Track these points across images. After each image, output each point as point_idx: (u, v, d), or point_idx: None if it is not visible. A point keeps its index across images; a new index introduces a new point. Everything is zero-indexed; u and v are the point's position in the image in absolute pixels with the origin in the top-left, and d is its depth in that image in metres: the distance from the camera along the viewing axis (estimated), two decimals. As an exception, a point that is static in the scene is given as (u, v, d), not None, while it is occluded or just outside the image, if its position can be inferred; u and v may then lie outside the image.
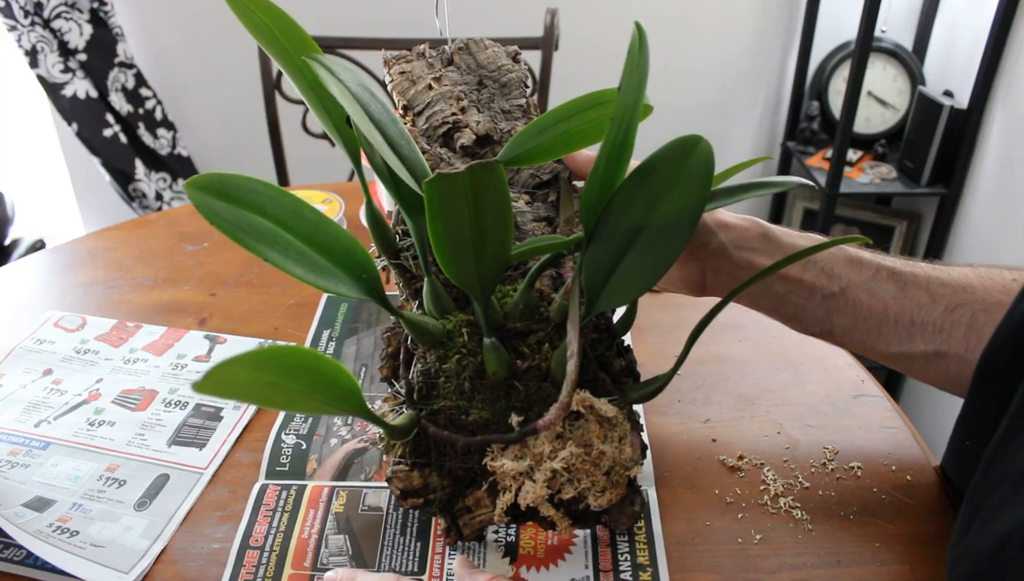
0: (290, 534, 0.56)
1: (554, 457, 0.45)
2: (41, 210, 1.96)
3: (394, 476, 0.47)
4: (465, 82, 0.60)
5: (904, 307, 0.54)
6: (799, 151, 1.80)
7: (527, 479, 0.45)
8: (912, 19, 1.75)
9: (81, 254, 0.93)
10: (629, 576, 0.52)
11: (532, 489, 0.45)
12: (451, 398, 0.47)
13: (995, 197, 1.54)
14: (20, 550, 0.53)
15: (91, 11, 1.60)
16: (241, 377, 0.35)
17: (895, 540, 0.55)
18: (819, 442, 0.64)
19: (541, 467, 0.45)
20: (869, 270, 0.55)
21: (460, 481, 0.49)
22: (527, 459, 0.45)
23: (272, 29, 0.47)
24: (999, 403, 0.47)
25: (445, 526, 0.50)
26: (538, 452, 0.45)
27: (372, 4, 1.72)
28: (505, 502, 0.45)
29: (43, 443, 0.64)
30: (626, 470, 0.47)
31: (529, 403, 0.47)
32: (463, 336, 0.48)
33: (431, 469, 0.48)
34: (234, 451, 0.64)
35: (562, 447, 0.45)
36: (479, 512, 0.49)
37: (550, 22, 1.35)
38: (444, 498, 0.49)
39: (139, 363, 0.74)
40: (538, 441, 0.45)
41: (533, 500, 0.45)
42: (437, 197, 0.38)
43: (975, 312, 0.53)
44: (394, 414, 0.49)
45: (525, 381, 0.47)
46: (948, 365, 0.54)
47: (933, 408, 1.69)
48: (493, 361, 0.46)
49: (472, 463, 0.47)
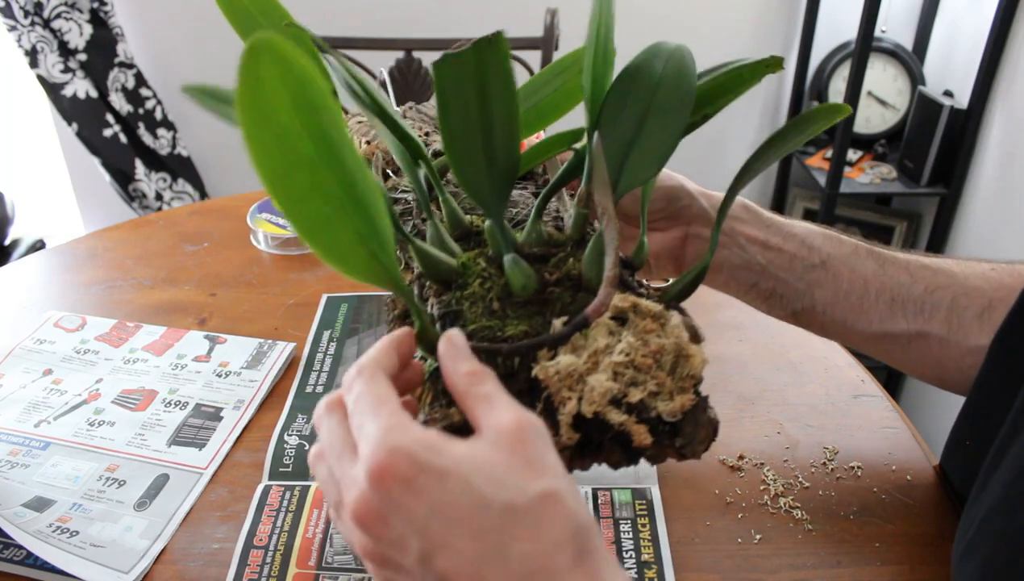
0: (294, 534, 0.56)
1: (612, 350, 0.39)
2: (41, 210, 1.96)
3: (430, 420, 0.39)
4: (420, 126, 0.62)
5: (884, 284, 0.54)
6: (799, 151, 1.80)
7: (587, 379, 0.38)
8: (912, 19, 1.75)
9: (81, 254, 0.93)
10: (634, 573, 0.52)
11: (597, 384, 0.38)
12: (480, 320, 0.41)
13: (995, 197, 1.54)
14: (20, 550, 0.53)
15: (91, 11, 1.60)
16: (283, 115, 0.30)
17: (895, 540, 0.55)
18: (819, 442, 0.64)
19: (601, 366, 0.38)
20: (848, 246, 0.55)
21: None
22: (583, 356, 0.39)
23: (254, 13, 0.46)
24: (1005, 397, 0.47)
25: None
26: (593, 350, 0.39)
27: (372, 4, 1.72)
28: (569, 412, 0.38)
29: (43, 443, 0.64)
30: (690, 364, 0.40)
31: (566, 313, 0.41)
32: (479, 264, 0.43)
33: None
34: (234, 451, 0.64)
35: (618, 340, 0.39)
36: None
37: (550, 22, 1.35)
38: None
39: (139, 363, 0.74)
40: (591, 335, 0.39)
41: (601, 399, 0.38)
42: (445, 82, 0.36)
43: (955, 295, 0.53)
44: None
45: (558, 294, 0.42)
46: (930, 346, 0.54)
47: (933, 408, 1.69)
48: (519, 275, 0.41)
49: (518, 385, 0.39)
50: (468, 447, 0.32)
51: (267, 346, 0.76)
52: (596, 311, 0.39)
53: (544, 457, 0.32)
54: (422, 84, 1.40)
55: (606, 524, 0.56)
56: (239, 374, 0.72)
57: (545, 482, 0.31)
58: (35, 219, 1.87)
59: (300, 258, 0.91)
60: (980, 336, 0.52)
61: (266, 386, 0.71)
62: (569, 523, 0.31)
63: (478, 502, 0.30)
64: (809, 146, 1.80)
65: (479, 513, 0.30)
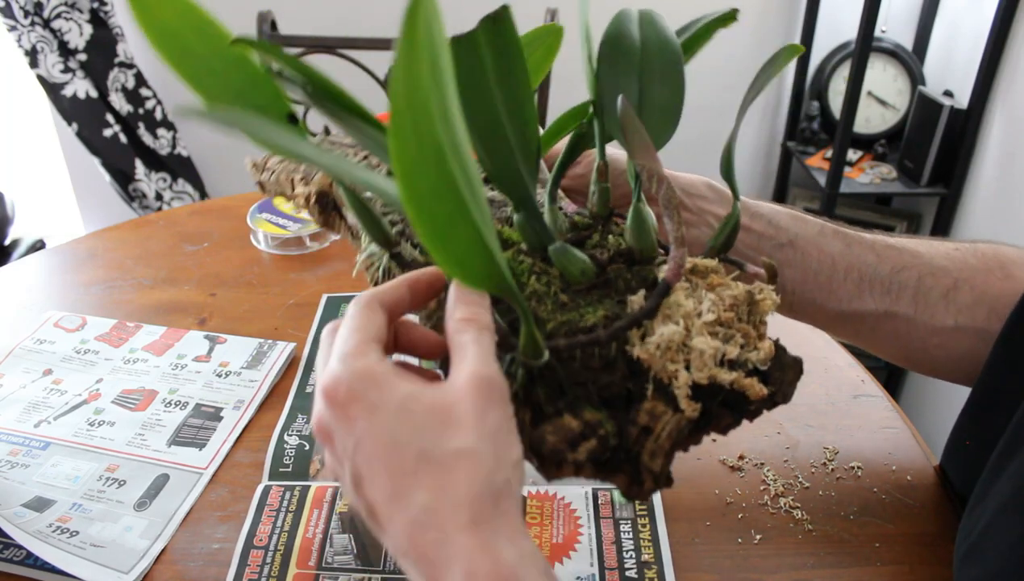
0: (294, 534, 0.56)
1: (701, 312, 0.37)
2: (41, 210, 1.96)
3: (545, 435, 0.35)
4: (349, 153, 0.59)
5: (852, 263, 0.54)
6: (799, 151, 1.80)
7: (690, 346, 0.36)
8: (912, 19, 1.75)
9: (81, 254, 0.93)
10: (635, 573, 0.52)
11: (705, 345, 0.36)
12: (555, 317, 0.38)
13: (995, 197, 1.54)
14: (20, 550, 0.53)
15: (91, 11, 1.60)
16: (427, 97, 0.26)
17: (895, 540, 0.55)
18: (819, 442, 0.64)
19: (695, 329, 0.37)
20: (814, 226, 0.56)
21: (616, 407, 0.37)
22: (679, 322, 0.37)
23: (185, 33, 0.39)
24: (1007, 398, 0.47)
25: (626, 482, 0.37)
26: (682, 315, 0.37)
27: (372, 4, 1.72)
28: (684, 383, 0.35)
29: (43, 443, 0.64)
30: (761, 307, 0.39)
31: (634, 291, 0.40)
32: (523, 262, 0.41)
33: (579, 405, 0.36)
34: (234, 451, 0.64)
35: (700, 300, 0.38)
36: (662, 423, 0.36)
37: (550, 22, 1.35)
38: (614, 431, 0.36)
39: (139, 363, 0.74)
40: (675, 304, 0.37)
41: (712, 360, 0.36)
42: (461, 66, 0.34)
43: (921, 275, 0.53)
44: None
45: (618, 271, 0.41)
46: (897, 326, 0.54)
47: (933, 408, 1.69)
48: (575, 262, 0.40)
49: (618, 373, 0.36)
50: (413, 389, 0.33)
51: (267, 346, 0.76)
52: (675, 274, 0.37)
53: (485, 417, 0.32)
54: (422, 84, 1.40)
55: (606, 524, 0.56)
56: (239, 374, 0.72)
57: (466, 440, 0.32)
58: (35, 219, 1.87)
59: (300, 258, 0.91)
60: (946, 316, 0.53)
61: (266, 386, 0.71)
62: (475, 486, 0.31)
63: (395, 442, 0.31)
64: (809, 146, 1.80)
65: (394, 452, 0.31)
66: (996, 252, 0.55)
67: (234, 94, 0.40)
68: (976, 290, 0.53)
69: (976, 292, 0.53)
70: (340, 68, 1.35)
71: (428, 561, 0.31)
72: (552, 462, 0.35)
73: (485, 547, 0.30)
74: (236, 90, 0.40)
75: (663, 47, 0.43)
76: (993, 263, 0.54)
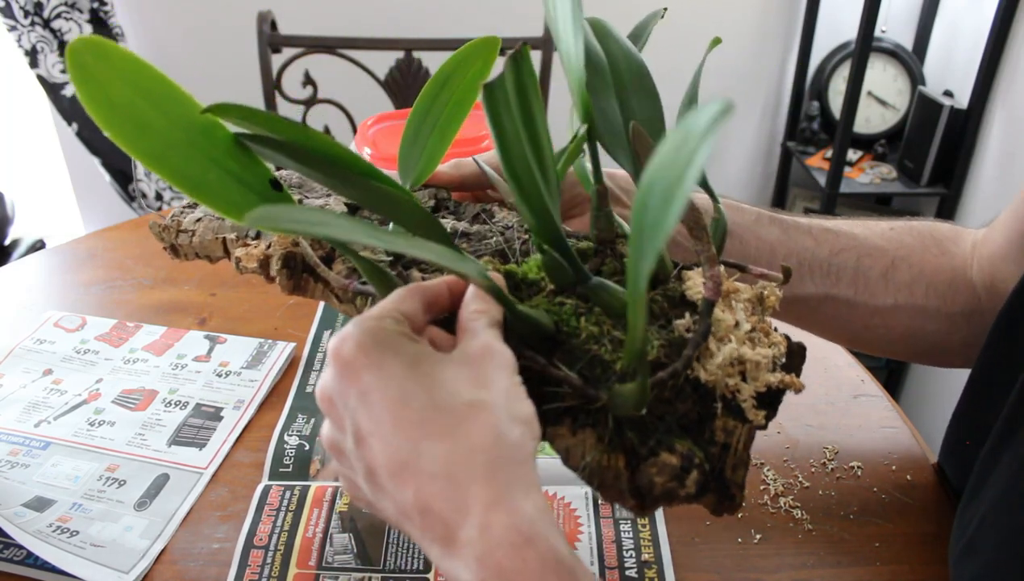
0: (294, 533, 0.56)
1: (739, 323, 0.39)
2: (41, 210, 1.96)
3: (653, 479, 0.35)
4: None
5: (791, 249, 0.55)
6: (799, 151, 1.80)
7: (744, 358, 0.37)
8: (912, 19, 1.75)
9: (81, 254, 0.93)
10: (635, 573, 0.52)
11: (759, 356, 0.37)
12: (619, 356, 0.38)
13: (995, 197, 1.54)
14: (20, 550, 0.53)
15: (91, 11, 1.60)
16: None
17: (895, 540, 0.55)
18: (819, 442, 0.64)
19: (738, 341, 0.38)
20: (751, 215, 0.56)
21: (692, 431, 0.38)
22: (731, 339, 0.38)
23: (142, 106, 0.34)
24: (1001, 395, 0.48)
25: (715, 501, 0.37)
26: (725, 330, 0.38)
27: (372, 4, 1.72)
28: (750, 395, 0.37)
29: (43, 443, 0.64)
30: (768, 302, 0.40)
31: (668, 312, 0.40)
32: (564, 305, 0.40)
33: (668, 440, 0.36)
34: (234, 451, 0.64)
35: (735, 312, 0.39)
36: (736, 436, 0.37)
37: (550, 22, 1.34)
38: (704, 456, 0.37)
39: (139, 363, 0.74)
40: (716, 320, 0.38)
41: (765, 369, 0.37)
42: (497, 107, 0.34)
43: (859, 256, 0.55)
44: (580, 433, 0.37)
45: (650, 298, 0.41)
46: (838, 308, 0.55)
47: (933, 408, 1.69)
48: (614, 296, 0.39)
49: (688, 398, 0.37)
50: (423, 348, 0.33)
51: (267, 346, 0.76)
52: (715, 292, 0.38)
53: (495, 379, 0.32)
54: (422, 84, 1.39)
55: (606, 524, 0.56)
56: (239, 374, 0.72)
57: (481, 394, 0.31)
58: (35, 219, 1.87)
59: (300, 258, 0.91)
60: (885, 296, 0.54)
61: (266, 386, 0.71)
62: (489, 436, 0.30)
63: (404, 393, 0.31)
64: (809, 146, 1.80)
65: (403, 404, 0.31)
66: (931, 229, 0.57)
67: (205, 167, 0.35)
68: (913, 268, 0.54)
69: (914, 270, 0.54)
70: (340, 68, 1.35)
71: (436, 516, 0.30)
72: (663, 500, 0.35)
73: (500, 499, 0.30)
74: (207, 161, 0.35)
75: (628, 59, 0.43)
76: (929, 241, 0.56)
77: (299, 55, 1.37)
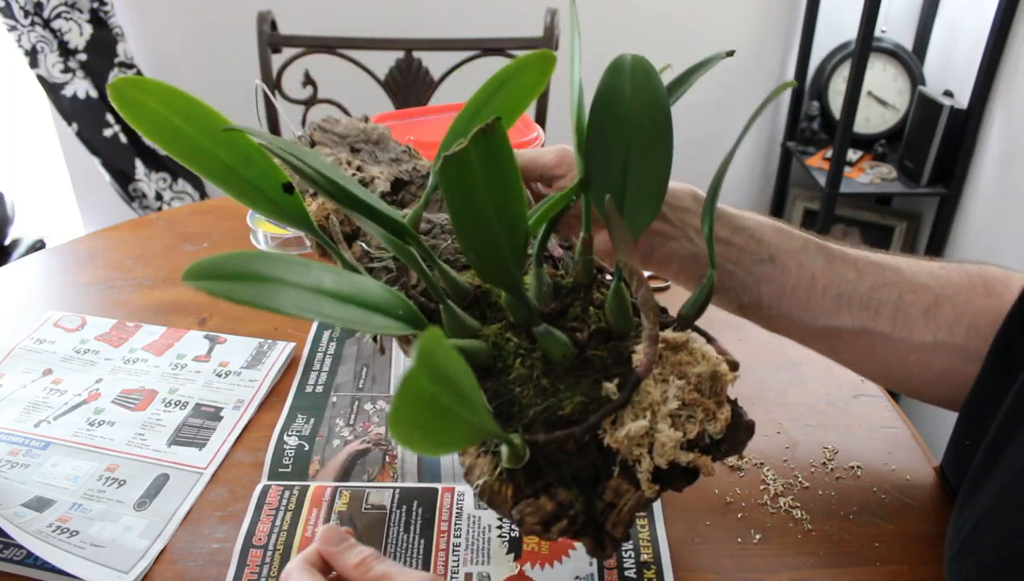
0: (293, 532, 0.56)
1: (667, 399, 0.41)
2: (41, 210, 1.96)
3: (524, 516, 0.39)
4: (338, 152, 0.60)
5: (831, 280, 0.54)
6: (799, 151, 1.80)
7: (654, 434, 0.40)
8: (912, 19, 1.76)
9: (81, 254, 0.93)
10: (633, 574, 0.52)
11: (667, 438, 0.39)
12: (536, 402, 0.42)
13: (995, 197, 1.54)
14: (20, 550, 0.53)
15: (91, 11, 1.60)
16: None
17: (895, 540, 0.55)
18: (819, 442, 0.64)
19: (660, 416, 0.40)
20: (798, 241, 0.55)
21: (585, 483, 0.42)
22: (645, 415, 0.40)
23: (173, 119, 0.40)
24: (1003, 397, 0.48)
25: (591, 544, 0.41)
26: (648, 403, 0.41)
27: (372, 4, 1.72)
28: (647, 469, 0.40)
29: (43, 443, 0.64)
30: (722, 380, 0.42)
31: (609, 369, 0.43)
32: (510, 340, 0.44)
33: (554, 487, 0.41)
34: (234, 451, 0.64)
35: (667, 387, 0.41)
36: (624, 500, 0.41)
37: (550, 22, 1.35)
38: (582, 508, 0.41)
39: (139, 363, 0.74)
40: (644, 392, 0.41)
41: (671, 450, 0.40)
42: (452, 184, 0.35)
43: (902, 292, 0.53)
44: (482, 457, 0.42)
45: (594, 350, 0.44)
46: (874, 343, 0.54)
47: (933, 408, 1.68)
48: (556, 345, 0.42)
49: (590, 455, 0.41)
50: None
51: (267, 346, 0.76)
52: (647, 369, 0.40)
53: None
54: (422, 84, 1.40)
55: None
56: (239, 374, 0.72)
57: None
58: (35, 219, 1.87)
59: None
60: (925, 333, 0.52)
61: (266, 386, 0.71)
62: None
63: None
64: (809, 146, 1.80)
65: None
66: (981, 271, 0.54)
67: (227, 170, 0.42)
68: (958, 307, 0.52)
69: (958, 309, 0.52)
70: (340, 68, 1.35)
71: None
72: (529, 533, 0.41)
73: None
74: (229, 166, 0.42)
75: (654, 113, 0.43)
76: (977, 281, 0.53)
77: (299, 55, 1.37)
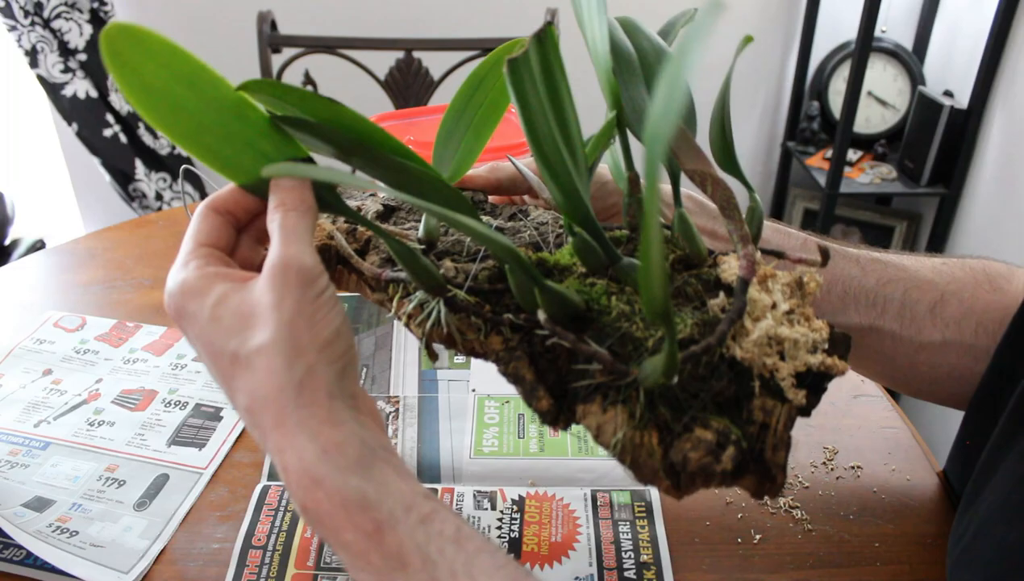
0: (293, 533, 0.56)
1: (776, 303, 0.37)
2: (41, 210, 1.96)
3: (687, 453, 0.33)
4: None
5: (836, 277, 0.53)
6: (799, 151, 1.80)
7: (782, 336, 0.36)
8: (912, 19, 1.75)
9: (81, 254, 0.93)
10: (633, 574, 0.52)
11: (797, 335, 0.36)
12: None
13: (995, 197, 1.54)
14: (20, 550, 0.53)
15: (91, 11, 1.60)
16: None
17: (895, 540, 0.55)
18: (819, 442, 0.64)
19: (777, 320, 0.37)
20: (797, 239, 0.55)
21: (726, 408, 0.36)
22: (767, 318, 0.36)
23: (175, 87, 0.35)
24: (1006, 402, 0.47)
25: (755, 482, 0.35)
26: (761, 308, 0.37)
27: (372, 4, 1.72)
28: (789, 374, 0.35)
29: (43, 443, 0.64)
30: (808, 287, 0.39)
31: (702, 295, 0.39)
32: (595, 285, 0.39)
33: (703, 416, 0.35)
34: (234, 451, 0.64)
35: (771, 293, 0.38)
36: (775, 416, 0.36)
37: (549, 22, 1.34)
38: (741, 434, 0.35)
39: (139, 363, 0.74)
40: (752, 301, 0.37)
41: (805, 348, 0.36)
42: (522, 84, 0.34)
43: (907, 288, 0.53)
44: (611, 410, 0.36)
45: (683, 279, 0.40)
46: (882, 341, 0.53)
47: (934, 409, 1.69)
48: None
49: (723, 377, 0.36)
50: (223, 291, 0.35)
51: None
52: (750, 270, 0.37)
53: (280, 305, 0.33)
54: (422, 84, 1.40)
55: (605, 524, 0.56)
56: (239, 374, 0.72)
57: (263, 335, 0.33)
58: (35, 219, 1.87)
59: (300, 258, 0.91)
60: (933, 331, 0.52)
61: (266, 386, 0.71)
62: (275, 380, 0.32)
63: (213, 349, 0.34)
64: (809, 146, 1.80)
65: (215, 359, 0.34)
66: (984, 266, 0.54)
67: (238, 147, 0.37)
68: (964, 303, 0.52)
69: (964, 305, 0.52)
70: (340, 68, 1.35)
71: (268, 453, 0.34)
72: (699, 478, 0.34)
73: (289, 444, 0.32)
74: (240, 143, 0.37)
75: (658, 52, 0.43)
76: (981, 277, 0.53)
77: (299, 55, 1.37)
